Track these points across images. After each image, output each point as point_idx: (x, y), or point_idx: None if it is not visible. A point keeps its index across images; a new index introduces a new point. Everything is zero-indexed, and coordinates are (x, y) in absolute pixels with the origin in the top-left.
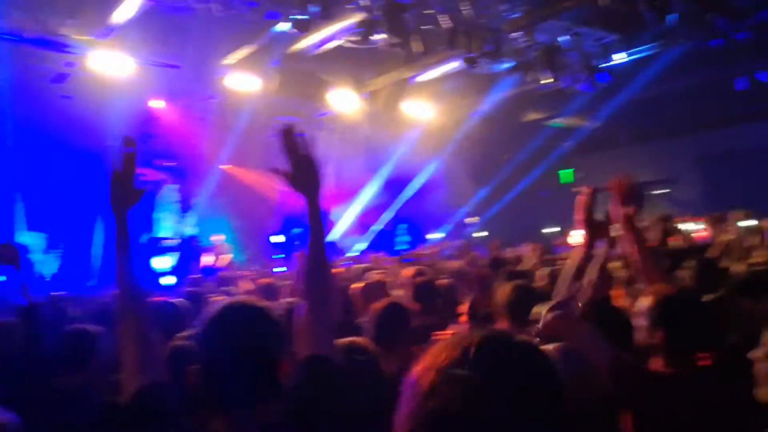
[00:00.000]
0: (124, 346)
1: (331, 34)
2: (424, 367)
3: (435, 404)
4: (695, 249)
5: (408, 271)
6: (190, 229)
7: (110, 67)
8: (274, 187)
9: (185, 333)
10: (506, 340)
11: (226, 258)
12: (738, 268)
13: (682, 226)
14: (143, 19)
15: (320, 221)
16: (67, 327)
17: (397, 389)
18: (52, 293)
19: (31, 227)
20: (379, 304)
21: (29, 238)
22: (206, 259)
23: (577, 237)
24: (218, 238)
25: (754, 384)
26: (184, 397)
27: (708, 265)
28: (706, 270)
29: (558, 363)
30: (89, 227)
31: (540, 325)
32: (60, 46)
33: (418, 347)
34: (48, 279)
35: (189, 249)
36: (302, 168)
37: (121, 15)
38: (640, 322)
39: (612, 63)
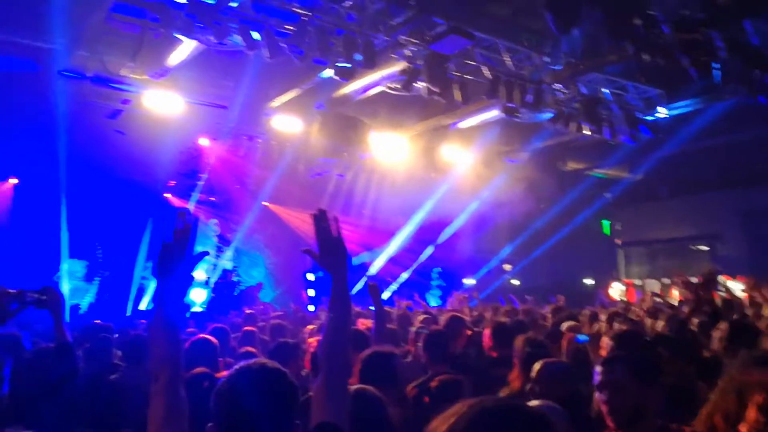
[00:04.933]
0: (155, 400)
1: (373, 81)
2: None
3: None
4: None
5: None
6: (227, 263)
7: (162, 105)
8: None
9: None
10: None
11: None
12: None
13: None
14: (196, 61)
15: (345, 299)
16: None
17: None
18: (96, 322)
19: (73, 255)
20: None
21: (70, 266)
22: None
23: (617, 289)
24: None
25: None
26: None
27: (739, 327)
28: (736, 332)
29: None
30: (131, 258)
31: None
32: (118, 84)
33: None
34: (85, 308)
35: (225, 284)
36: (331, 250)
37: (176, 57)
38: None
39: (655, 116)
